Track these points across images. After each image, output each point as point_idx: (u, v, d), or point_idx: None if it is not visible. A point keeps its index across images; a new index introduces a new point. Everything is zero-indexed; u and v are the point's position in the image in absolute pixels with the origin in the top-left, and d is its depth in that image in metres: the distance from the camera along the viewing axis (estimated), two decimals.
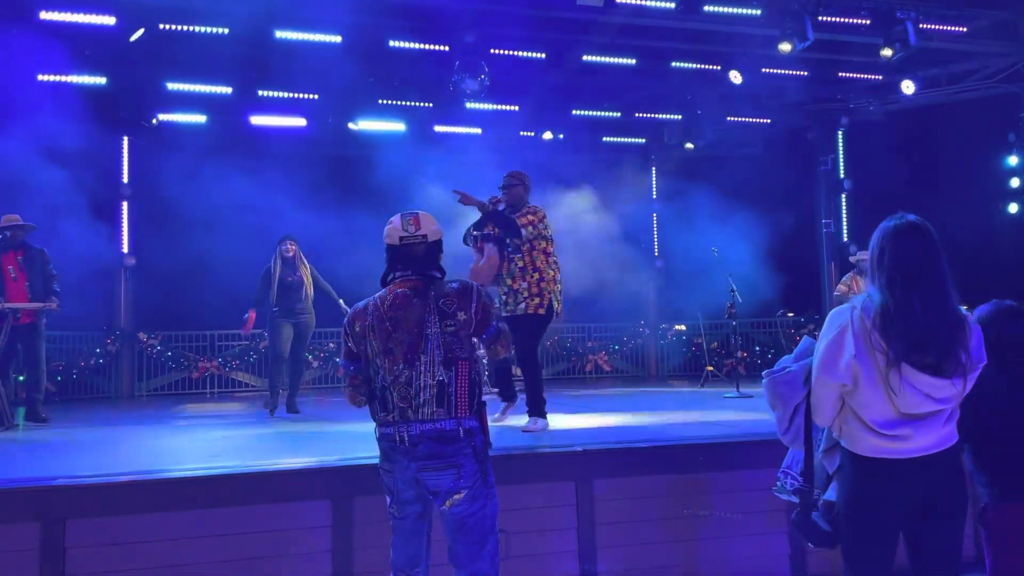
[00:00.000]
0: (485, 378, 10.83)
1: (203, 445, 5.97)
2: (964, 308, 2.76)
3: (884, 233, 2.72)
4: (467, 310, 3.15)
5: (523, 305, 6.12)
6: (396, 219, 3.32)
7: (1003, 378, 3.09)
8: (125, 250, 12.32)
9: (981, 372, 2.84)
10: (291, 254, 8.17)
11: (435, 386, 3.09)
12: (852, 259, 9.89)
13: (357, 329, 3.25)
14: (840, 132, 13.82)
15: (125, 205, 12.37)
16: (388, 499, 3.26)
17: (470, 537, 3.07)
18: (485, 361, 10.14)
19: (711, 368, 11.66)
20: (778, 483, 3.23)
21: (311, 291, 8.23)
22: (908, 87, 12.07)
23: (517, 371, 6.86)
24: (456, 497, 3.06)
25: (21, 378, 7.52)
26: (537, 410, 6.06)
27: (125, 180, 12.37)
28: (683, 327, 14.26)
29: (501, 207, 6.26)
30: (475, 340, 3.27)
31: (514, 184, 6.36)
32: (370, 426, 3.32)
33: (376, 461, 3.30)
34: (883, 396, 2.61)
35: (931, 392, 2.59)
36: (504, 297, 6.23)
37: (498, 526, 3.18)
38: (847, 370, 2.62)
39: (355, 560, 4.41)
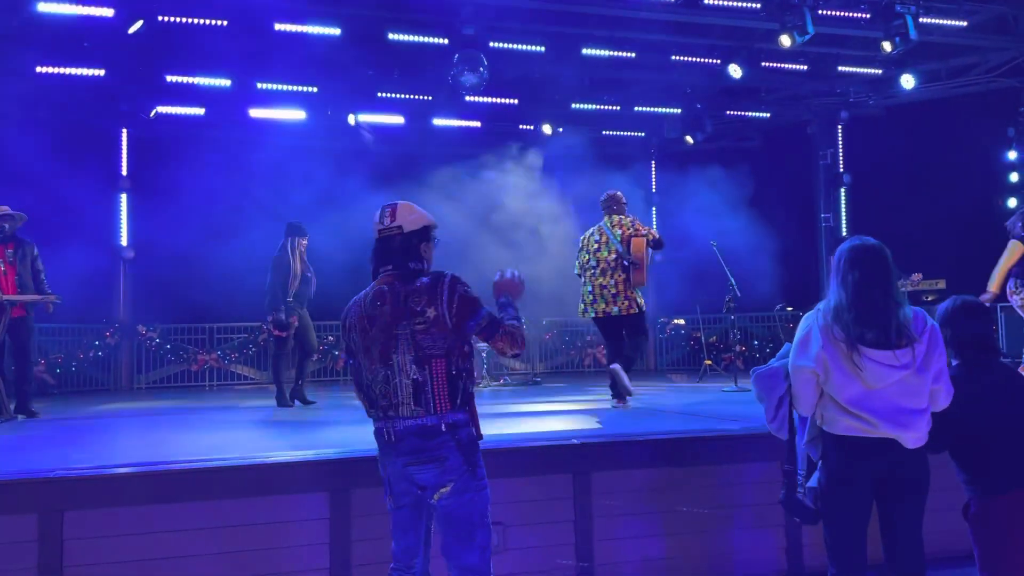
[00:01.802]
0: (484, 369, 10.89)
1: (201, 437, 5.97)
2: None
3: (842, 250, 3.25)
4: (437, 306, 3.02)
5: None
6: (377, 211, 3.29)
7: (965, 373, 3.35)
8: (124, 243, 12.33)
9: (953, 374, 3.31)
10: (305, 248, 8.16)
11: (410, 384, 3.04)
12: None
13: (346, 325, 3.25)
14: (839, 126, 13.81)
15: (124, 198, 12.39)
16: (384, 491, 3.27)
17: (458, 530, 3.05)
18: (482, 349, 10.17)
19: (710, 362, 11.67)
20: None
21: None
22: (908, 81, 12.05)
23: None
24: (443, 490, 3.03)
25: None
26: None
27: (124, 173, 12.37)
28: (682, 321, 14.28)
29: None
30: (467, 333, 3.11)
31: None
32: (366, 420, 3.32)
33: (372, 453, 3.30)
34: (852, 376, 3.08)
35: (889, 362, 3.05)
36: None
37: (490, 519, 3.14)
38: (818, 360, 3.13)
39: (353, 552, 4.42)
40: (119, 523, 4.14)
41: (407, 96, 12.24)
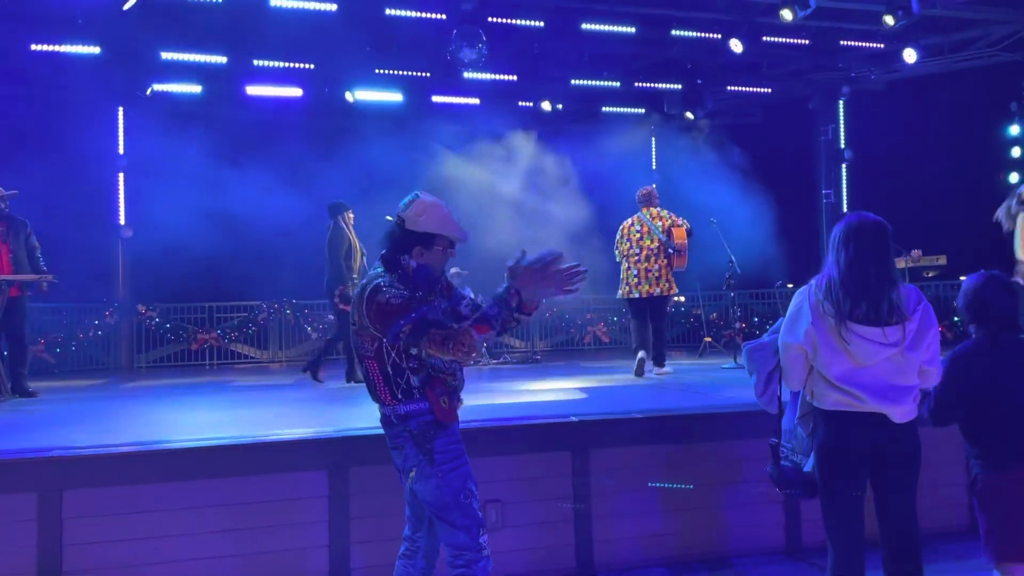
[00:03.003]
0: (483, 348, 10.88)
1: (201, 416, 5.98)
2: (962, 278, 3.12)
3: (840, 225, 3.23)
4: (361, 312, 3.06)
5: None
6: None
7: (988, 347, 3.34)
8: (122, 222, 12.29)
9: (969, 346, 3.38)
10: (352, 221, 8.05)
11: (364, 378, 3.21)
12: None
13: None
14: (841, 101, 13.72)
15: (121, 176, 12.34)
16: None
17: (435, 512, 3.13)
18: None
19: (709, 339, 11.67)
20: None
21: None
22: (910, 55, 11.94)
23: None
24: (411, 474, 3.13)
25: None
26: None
27: (121, 151, 12.31)
28: (682, 298, 14.24)
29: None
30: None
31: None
32: (365, 399, 3.33)
33: (370, 432, 3.33)
34: (840, 352, 3.09)
35: (878, 339, 3.04)
36: None
37: (469, 498, 3.11)
38: (807, 337, 3.13)
39: (352, 529, 4.44)
40: (119, 502, 4.15)
41: (405, 73, 12.13)
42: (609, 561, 4.82)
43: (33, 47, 10.17)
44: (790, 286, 13.17)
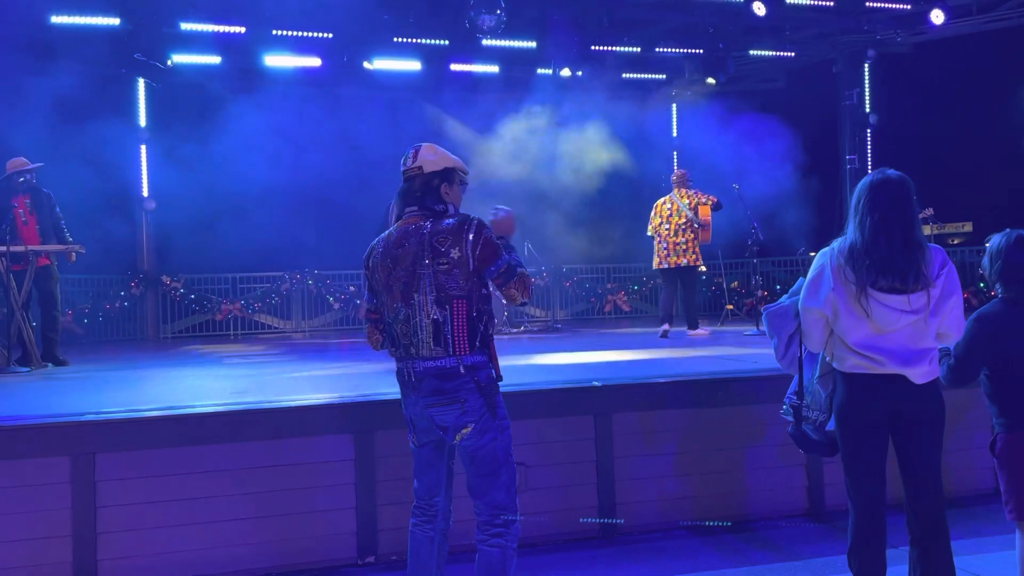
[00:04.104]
0: (504, 316, 10.92)
1: (227, 383, 6.07)
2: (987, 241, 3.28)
3: (863, 185, 3.14)
4: (462, 247, 3.05)
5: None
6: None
7: (1013, 308, 3.34)
8: (145, 193, 12.38)
9: (994, 307, 3.39)
10: None
11: (430, 325, 3.07)
12: None
13: (370, 264, 3.29)
14: (866, 65, 13.44)
15: (143, 148, 12.39)
16: (408, 430, 3.31)
17: (482, 469, 3.11)
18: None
19: (731, 307, 11.64)
20: (784, 407, 3.51)
21: None
22: (937, 17, 11.69)
23: None
24: (464, 431, 3.08)
25: (33, 323, 7.57)
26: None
27: (142, 123, 12.36)
28: (703, 268, 14.17)
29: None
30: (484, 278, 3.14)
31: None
32: (388, 364, 3.35)
33: (393, 396, 3.34)
34: (860, 319, 3.05)
35: (902, 306, 3.00)
36: None
37: (514, 458, 3.19)
38: (827, 302, 3.10)
39: (378, 492, 4.50)
40: (150, 465, 4.24)
41: (423, 41, 12.05)
42: (631, 523, 4.87)
43: (53, 19, 10.21)
44: (812, 254, 13.04)
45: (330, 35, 11.50)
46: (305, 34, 11.42)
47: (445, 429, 3.13)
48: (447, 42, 12.07)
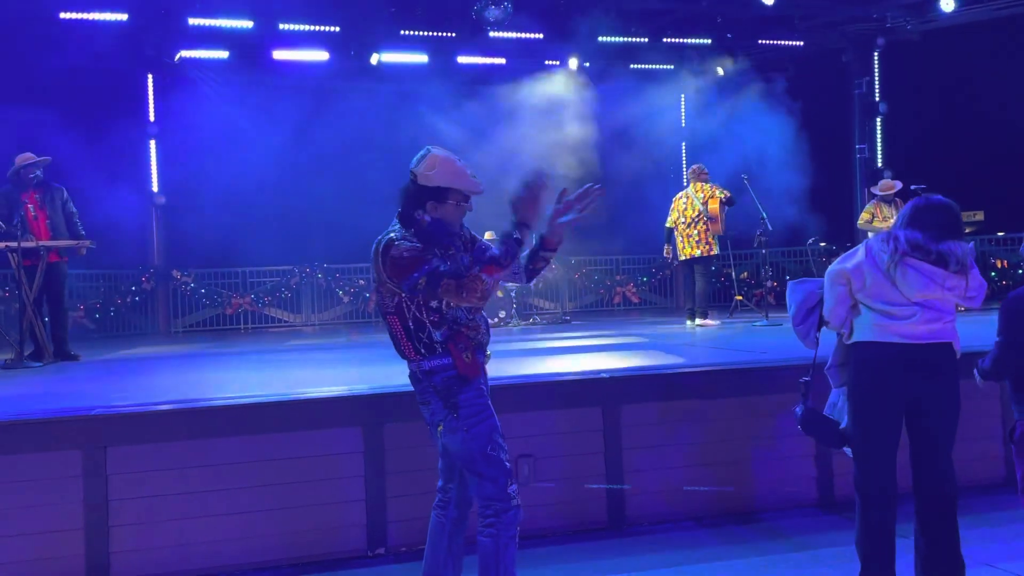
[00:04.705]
0: (513, 309, 10.92)
1: (237, 376, 6.10)
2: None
3: (913, 205, 3.28)
4: (379, 266, 3.09)
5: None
6: None
7: None
8: (155, 189, 12.43)
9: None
10: None
11: (389, 335, 3.23)
12: (873, 189, 9.64)
13: None
14: (875, 53, 13.35)
15: (153, 144, 12.44)
16: None
17: (463, 465, 3.18)
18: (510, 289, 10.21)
19: (740, 297, 11.60)
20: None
21: None
22: (948, 4, 11.59)
23: None
24: (439, 428, 3.16)
25: (45, 319, 7.61)
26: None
27: (151, 119, 12.40)
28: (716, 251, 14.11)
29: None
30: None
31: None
32: (397, 358, 3.36)
33: (402, 389, 3.37)
34: (890, 284, 3.13)
35: (935, 278, 3.07)
36: None
37: (497, 450, 3.12)
38: (856, 269, 3.19)
39: (387, 484, 4.52)
40: (162, 458, 4.27)
41: (430, 33, 12.04)
42: (639, 515, 4.87)
43: (62, 15, 10.24)
44: (822, 244, 13.02)
45: (337, 28, 11.50)
46: (312, 28, 11.44)
47: (430, 425, 3.25)
48: (454, 34, 12.06)
